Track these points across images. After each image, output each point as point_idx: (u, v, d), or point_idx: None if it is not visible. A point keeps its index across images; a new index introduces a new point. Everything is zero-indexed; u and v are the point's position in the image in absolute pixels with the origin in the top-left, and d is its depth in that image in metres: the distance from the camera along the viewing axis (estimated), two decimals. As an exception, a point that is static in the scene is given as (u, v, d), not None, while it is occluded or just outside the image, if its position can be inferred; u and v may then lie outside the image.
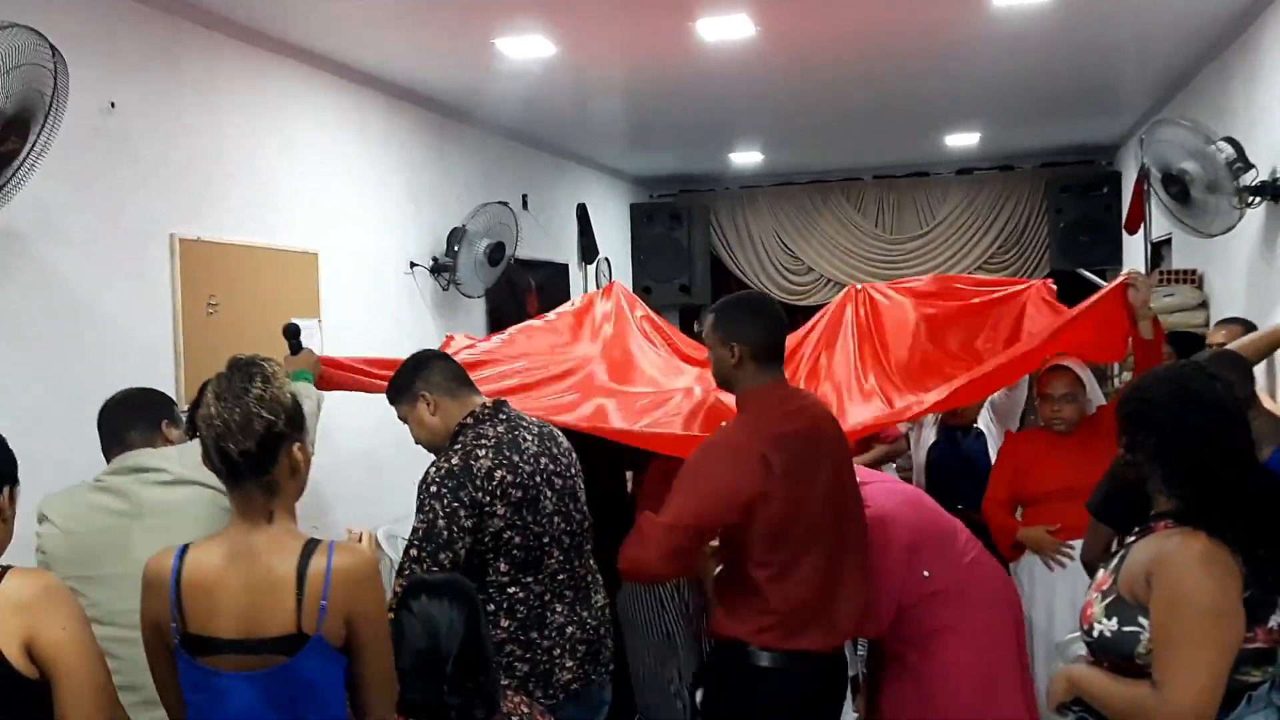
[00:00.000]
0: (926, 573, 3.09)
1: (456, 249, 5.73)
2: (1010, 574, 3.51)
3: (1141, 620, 2.01)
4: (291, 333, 3.47)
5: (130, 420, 2.64)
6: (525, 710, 2.38)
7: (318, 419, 3.16)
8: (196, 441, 2.07)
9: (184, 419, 2.79)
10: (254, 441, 1.92)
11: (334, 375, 3.55)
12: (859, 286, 4.27)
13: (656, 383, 3.92)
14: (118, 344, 3.62)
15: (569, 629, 2.78)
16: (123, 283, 3.68)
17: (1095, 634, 2.09)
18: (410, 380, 2.85)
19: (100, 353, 3.53)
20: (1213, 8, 4.65)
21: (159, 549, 2.01)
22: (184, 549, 1.98)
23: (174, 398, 3.32)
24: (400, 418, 2.89)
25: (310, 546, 1.96)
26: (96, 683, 1.86)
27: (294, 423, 1.99)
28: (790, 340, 3.83)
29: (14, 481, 1.93)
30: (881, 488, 3.21)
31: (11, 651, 1.79)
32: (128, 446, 2.57)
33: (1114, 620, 2.05)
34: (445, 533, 2.58)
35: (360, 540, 2.19)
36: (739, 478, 2.62)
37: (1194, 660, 1.91)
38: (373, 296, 5.22)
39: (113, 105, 3.63)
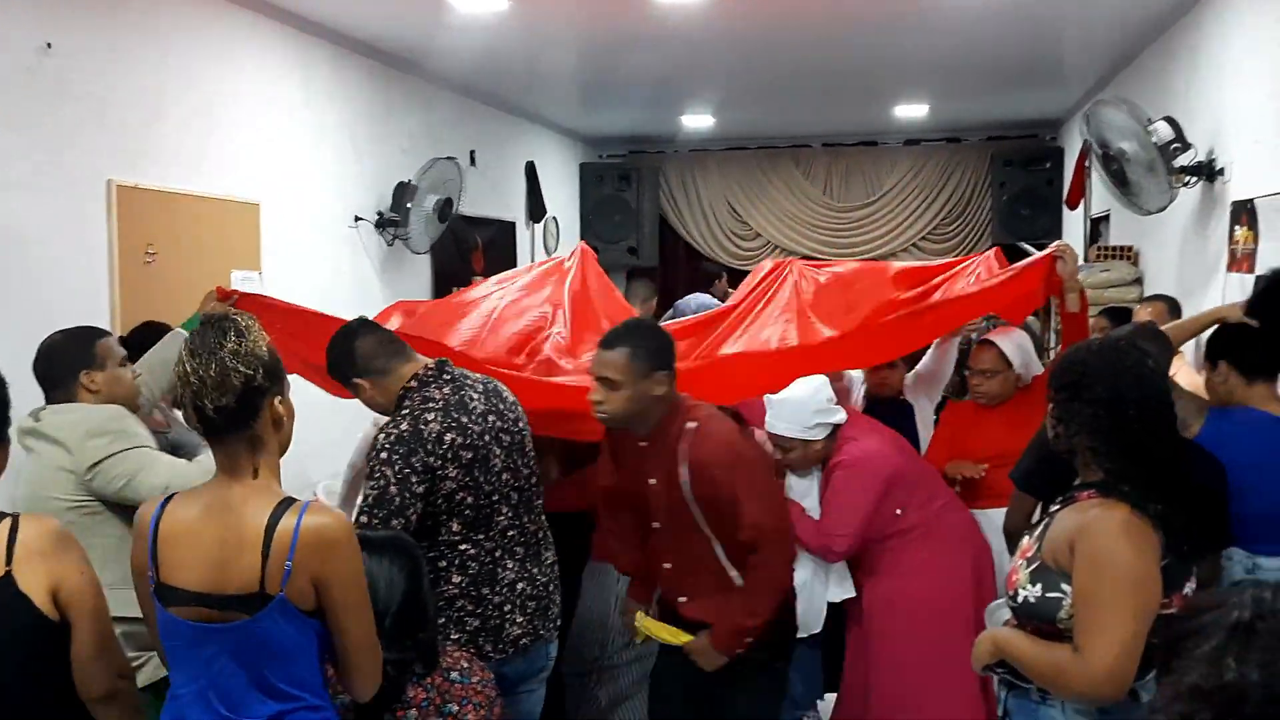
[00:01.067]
0: (899, 510, 3.33)
1: (409, 205, 5.67)
2: None
3: (1064, 587, 2.07)
4: None
5: (48, 376, 2.80)
6: (465, 665, 2.40)
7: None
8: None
9: (119, 351, 2.87)
10: (232, 396, 1.89)
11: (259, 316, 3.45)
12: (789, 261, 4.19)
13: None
14: (52, 291, 3.55)
15: (519, 585, 2.80)
16: (58, 228, 3.60)
17: (1020, 599, 2.14)
18: (340, 370, 2.85)
19: (34, 299, 3.46)
20: (1156, -10, 4.73)
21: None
22: (168, 499, 1.98)
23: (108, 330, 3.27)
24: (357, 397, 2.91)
25: (283, 505, 1.93)
26: (107, 620, 2.01)
27: (273, 375, 1.97)
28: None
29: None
30: (867, 426, 3.47)
31: (41, 599, 1.93)
32: (51, 401, 2.77)
33: (1038, 586, 2.11)
34: (397, 499, 2.58)
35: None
36: None
37: (1112, 625, 1.97)
38: (315, 250, 5.15)
39: (49, 46, 3.53)
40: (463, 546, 2.71)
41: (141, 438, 2.75)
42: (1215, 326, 3.20)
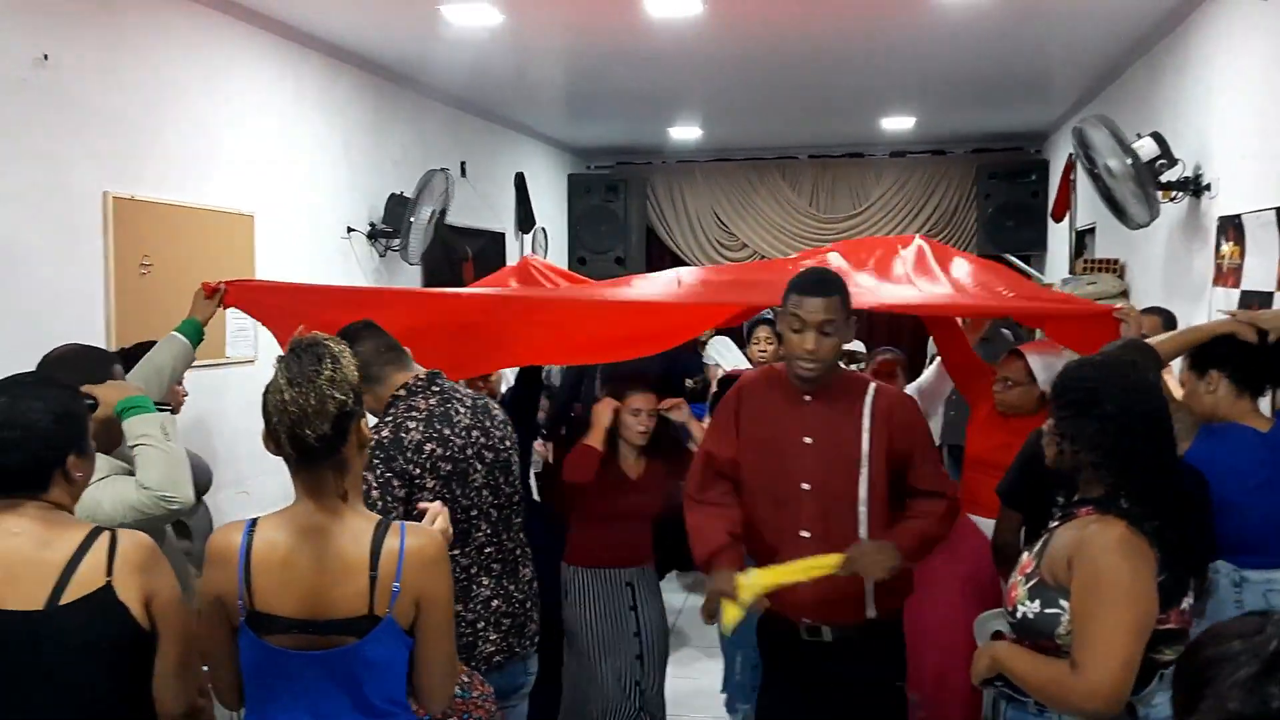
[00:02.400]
0: None
1: (412, 220, 5.67)
2: None
3: (1062, 603, 2.09)
4: None
5: None
6: (465, 679, 2.41)
7: (184, 367, 3.13)
8: None
9: (120, 371, 2.78)
10: (329, 424, 1.89)
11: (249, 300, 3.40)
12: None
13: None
14: (48, 302, 3.54)
15: (494, 602, 2.79)
16: (54, 239, 3.60)
17: (1019, 615, 2.16)
18: None
19: (30, 310, 3.45)
20: (1144, 5, 4.77)
21: None
22: (253, 524, 1.97)
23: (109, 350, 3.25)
24: None
25: (383, 526, 1.95)
26: (192, 637, 2.02)
27: (360, 399, 1.99)
28: None
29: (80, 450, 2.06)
30: None
31: (138, 610, 1.96)
32: None
33: (1036, 602, 2.13)
34: (379, 504, 2.58)
35: (436, 521, 2.15)
36: None
37: (1110, 641, 1.99)
38: (309, 260, 5.16)
39: (45, 58, 3.53)
40: None
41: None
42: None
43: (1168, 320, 4.18)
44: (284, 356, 1.95)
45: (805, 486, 2.79)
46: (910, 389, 4.37)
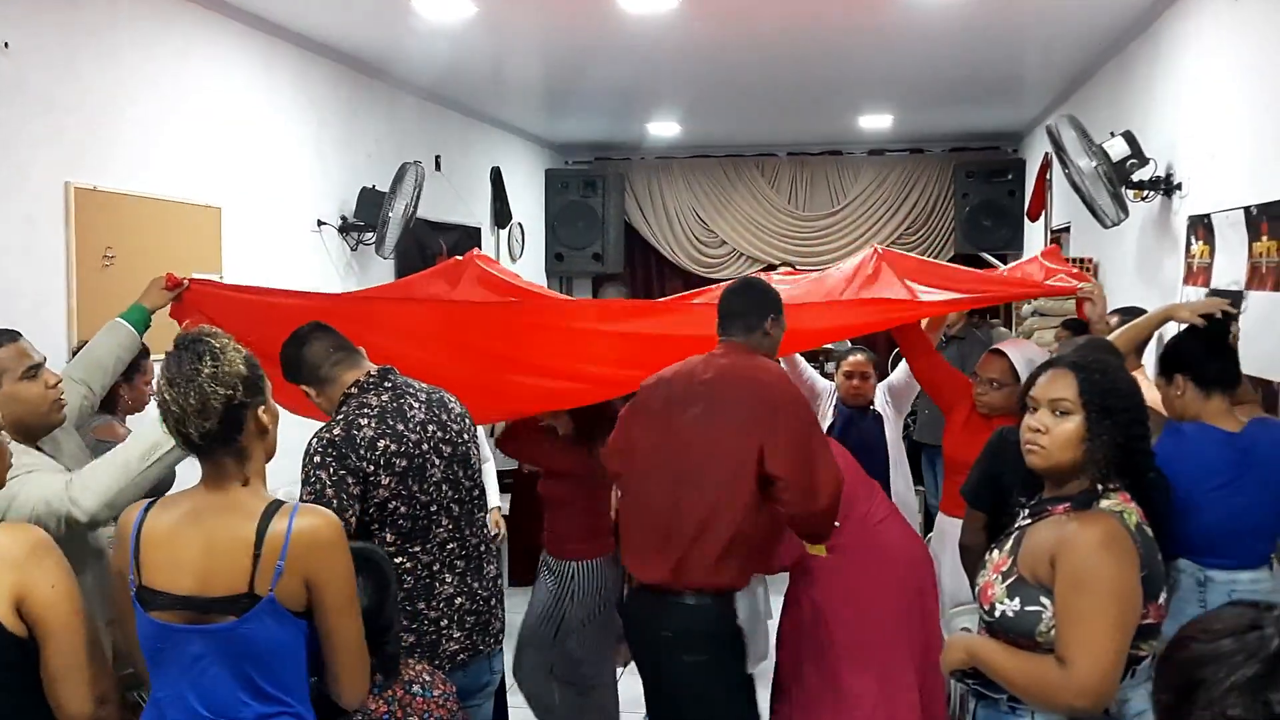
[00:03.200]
0: (835, 523, 3.22)
1: (390, 215, 5.63)
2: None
3: (1044, 600, 2.08)
4: None
5: None
6: (427, 678, 2.39)
7: (130, 355, 3.07)
8: None
9: (22, 363, 2.65)
10: (215, 420, 1.93)
11: (201, 305, 3.32)
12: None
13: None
14: (6, 295, 3.49)
15: (458, 600, 2.76)
16: (13, 231, 3.55)
17: (997, 614, 2.15)
18: (292, 375, 2.82)
19: (-13, 303, 3.40)
20: (1116, 7, 4.79)
21: None
22: (151, 504, 2.00)
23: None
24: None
25: (274, 506, 1.95)
26: (86, 639, 1.92)
27: (253, 387, 1.99)
28: None
29: None
30: None
31: (2, 609, 1.83)
32: None
33: (1016, 600, 2.12)
34: (335, 501, 2.55)
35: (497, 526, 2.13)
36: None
37: (1099, 637, 1.99)
38: (278, 254, 5.10)
39: (5, 45, 3.48)
40: (398, 559, 2.67)
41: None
42: (1169, 341, 3.20)
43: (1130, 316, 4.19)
44: (168, 353, 1.98)
45: None
46: (880, 388, 4.36)
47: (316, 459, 2.60)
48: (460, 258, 4.22)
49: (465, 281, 4.01)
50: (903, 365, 4.27)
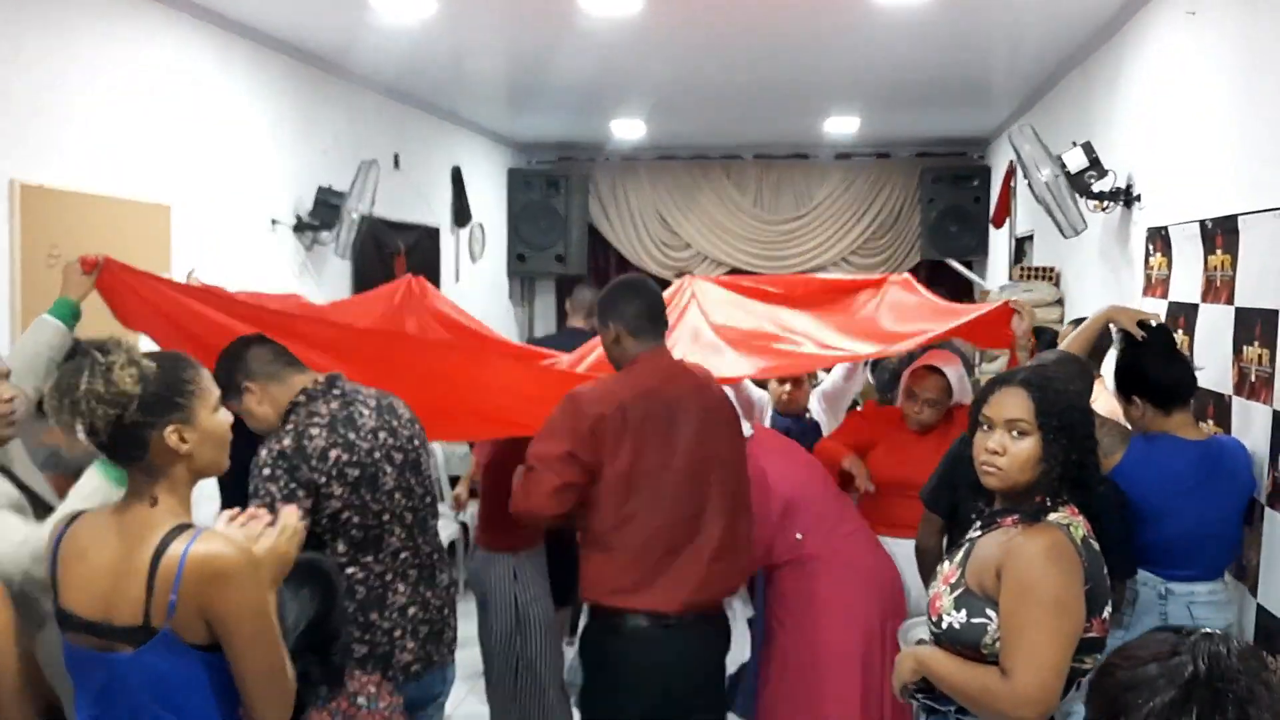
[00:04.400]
0: (799, 535, 3.27)
1: (353, 215, 5.56)
2: None
3: (989, 612, 2.09)
4: None
5: None
6: (373, 690, 2.36)
7: (61, 354, 2.91)
8: None
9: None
10: (103, 436, 1.82)
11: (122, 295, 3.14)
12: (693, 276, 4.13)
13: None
14: (-59, 294, 3.39)
15: (411, 609, 2.72)
16: (-51, 228, 3.45)
17: (944, 625, 2.16)
18: (230, 374, 2.66)
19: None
20: (1078, 18, 4.81)
21: None
22: (75, 516, 1.91)
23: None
24: (232, 412, 2.76)
25: (173, 533, 1.82)
26: (16, 661, 1.86)
27: (155, 407, 1.85)
28: None
29: None
30: (775, 445, 3.45)
31: None
32: None
33: (962, 612, 2.13)
34: None
35: (289, 520, 2.02)
36: (575, 439, 2.77)
37: (1041, 648, 2.00)
38: (230, 253, 5.01)
39: (-57, 36, 3.39)
40: (350, 569, 2.61)
41: None
42: (1121, 361, 3.18)
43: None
44: (61, 363, 1.90)
45: None
46: (815, 394, 4.37)
47: (266, 471, 2.52)
48: (407, 279, 4.15)
49: (404, 308, 3.96)
50: (837, 369, 4.27)
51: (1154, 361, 3.05)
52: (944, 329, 3.56)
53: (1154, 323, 3.13)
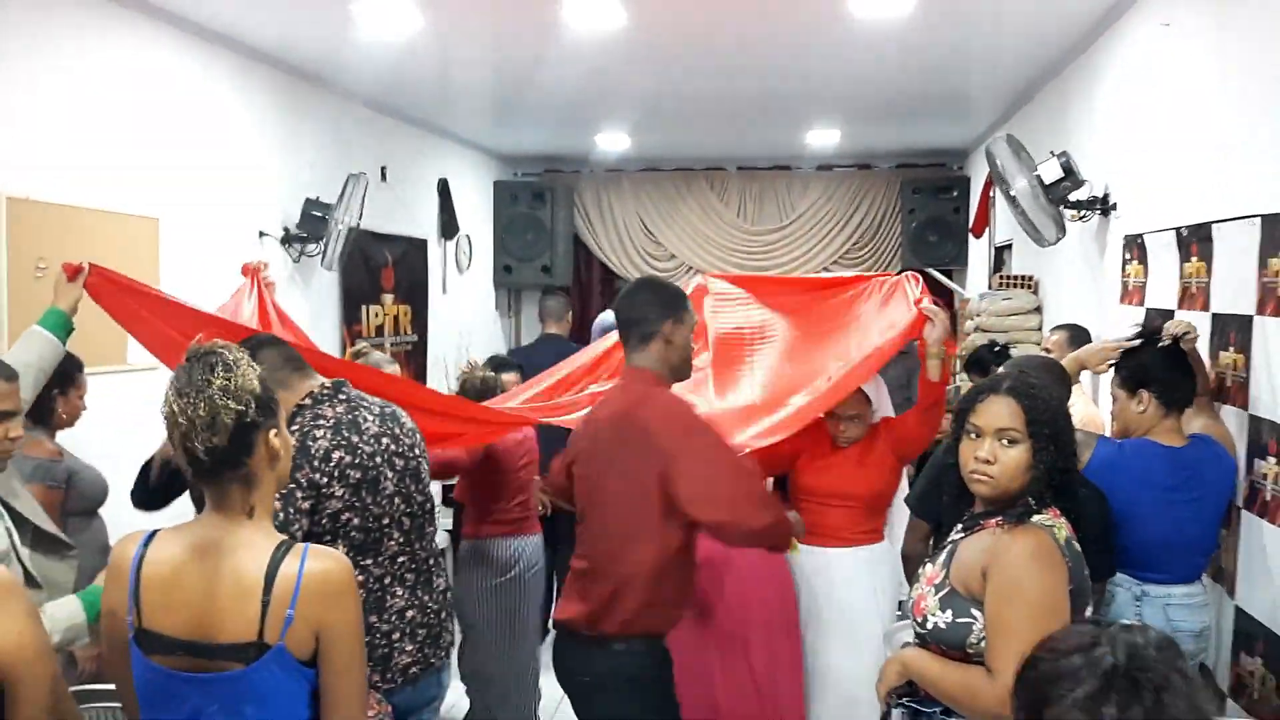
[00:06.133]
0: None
1: (340, 227, 5.56)
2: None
3: (974, 612, 2.12)
4: None
5: None
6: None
7: (52, 366, 2.97)
8: None
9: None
10: (224, 435, 1.81)
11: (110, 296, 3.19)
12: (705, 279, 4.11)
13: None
14: (-69, 307, 3.39)
15: (409, 612, 2.76)
16: (-61, 242, 3.45)
17: (929, 625, 2.19)
18: None
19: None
20: (1055, 30, 4.88)
21: None
22: (151, 535, 1.88)
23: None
24: None
25: (283, 548, 1.84)
26: (50, 684, 1.79)
27: (266, 408, 1.88)
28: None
29: None
30: None
31: None
32: None
33: (948, 613, 2.16)
34: (282, 514, 2.53)
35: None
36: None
37: (1026, 648, 2.01)
38: (218, 266, 5.00)
39: (-67, 51, 3.40)
40: None
41: None
42: (1141, 356, 3.19)
43: (1077, 336, 4.25)
44: (179, 365, 1.87)
45: None
46: None
47: None
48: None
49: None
50: None
51: (1170, 360, 3.09)
52: (864, 369, 3.51)
53: (1170, 333, 3.13)
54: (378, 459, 2.70)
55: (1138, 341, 3.24)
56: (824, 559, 3.59)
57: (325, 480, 2.59)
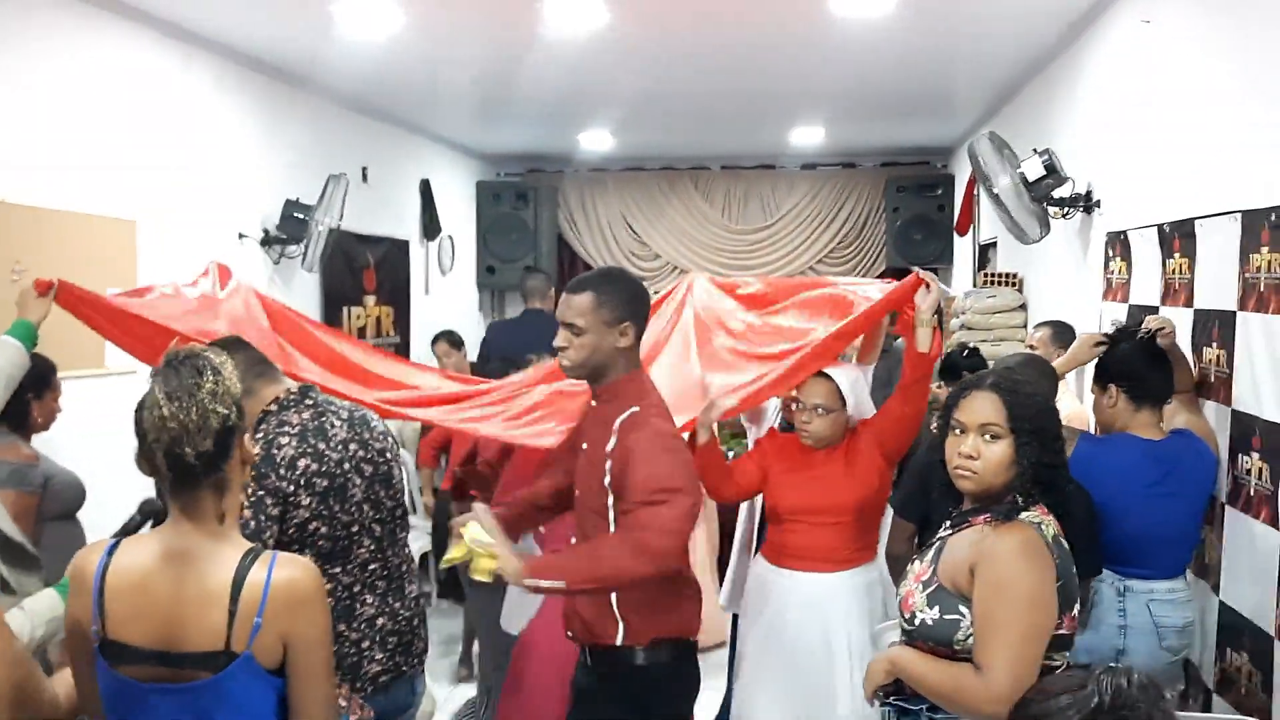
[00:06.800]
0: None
1: (319, 229, 5.53)
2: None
3: (962, 609, 2.12)
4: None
5: None
6: (343, 703, 2.34)
7: (20, 374, 2.92)
8: None
9: None
10: (211, 440, 1.79)
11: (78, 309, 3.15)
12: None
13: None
14: (-97, 311, 3.35)
15: (379, 620, 2.72)
16: (-89, 245, 3.41)
17: (917, 622, 2.18)
18: None
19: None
20: (1037, 28, 4.89)
21: None
22: (114, 545, 1.84)
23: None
24: None
25: (251, 556, 1.82)
26: (10, 690, 1.77)
27: (243, 413, 1.87)
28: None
29: None
30: None
31: None
32: None
33: (936, 609, 2.15)
34: (252, 523, 2.49)
35: None
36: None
37: (1013, 644, 2.02)
38: (197, 268, 4.97)
39: (-96, 52, 3.36)
40: None
41: None
42: (1112, 351, 3.18)
43: (1061, 332, 4.24)
44: (159, 369, 1.83)
45: (577, 493, 2.84)
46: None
47: None
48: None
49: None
50: None
51: (1139, 355, 3.09)
52: (854, 326, 3.26)
53: (1146, 328, 3.11)
54: (345, 465, 2.65)
55: (1113, 332, 3.24)
56: (816, 587, 3.21)
57: (292, 489, 2.54)
